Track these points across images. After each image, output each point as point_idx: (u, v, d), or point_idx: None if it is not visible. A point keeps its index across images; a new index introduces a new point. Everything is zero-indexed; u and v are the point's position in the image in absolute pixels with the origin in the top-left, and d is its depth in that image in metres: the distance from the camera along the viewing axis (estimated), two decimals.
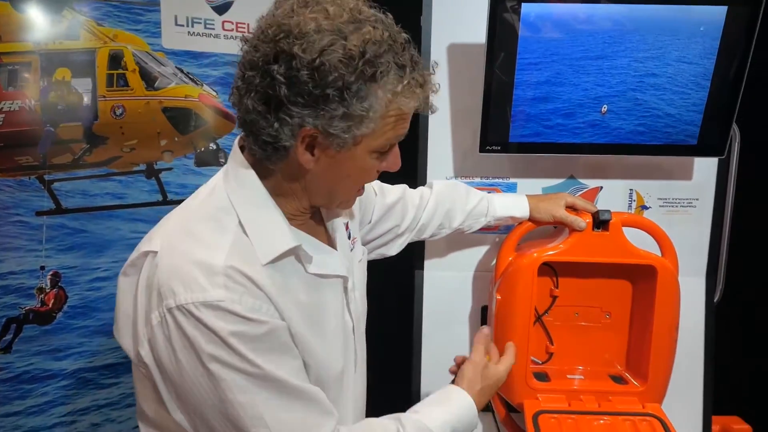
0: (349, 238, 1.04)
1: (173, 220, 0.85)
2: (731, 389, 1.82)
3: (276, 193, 0.85)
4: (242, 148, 0.85)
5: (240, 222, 0.80)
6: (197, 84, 1.60)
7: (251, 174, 0.83)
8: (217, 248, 0.77)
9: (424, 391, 1.51)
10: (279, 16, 0.75)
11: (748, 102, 1.51)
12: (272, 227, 0.82)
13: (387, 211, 1.23)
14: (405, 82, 0.75)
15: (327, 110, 0.74)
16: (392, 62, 0.74)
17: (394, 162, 0.86)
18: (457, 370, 1.09)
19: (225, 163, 0.89)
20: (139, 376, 0.85)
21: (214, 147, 1.64)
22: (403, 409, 1.49)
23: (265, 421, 0.77)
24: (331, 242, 0.98)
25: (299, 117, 0.74)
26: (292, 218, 0.87)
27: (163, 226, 0.85)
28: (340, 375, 0.94)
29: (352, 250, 1.04)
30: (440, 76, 1.41)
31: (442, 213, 1.30)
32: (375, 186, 1.22)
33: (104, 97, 1.50)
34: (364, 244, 1.19)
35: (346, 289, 0.96)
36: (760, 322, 1.96)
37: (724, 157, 1.38)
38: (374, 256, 1.26)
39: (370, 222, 1.21)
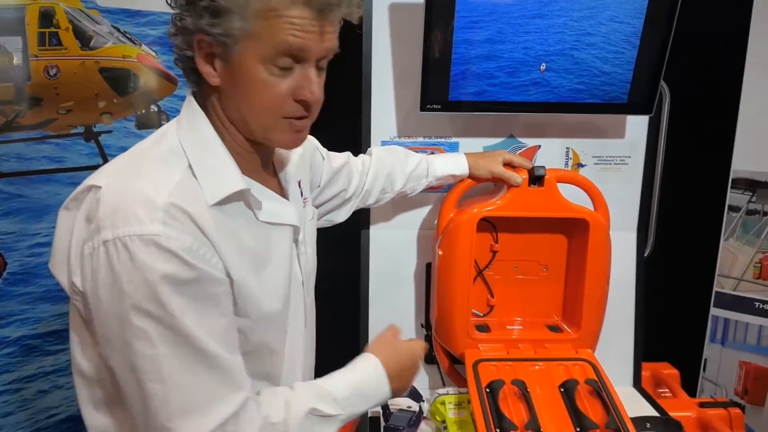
0: (301, 195, 1.07)
1: (122, 159, 0.85)
2: (662, 337, 1.93)
3: (221, 129, 0.86)
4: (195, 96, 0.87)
5: (189, 164, 0.81)
6: (135, 44, 1.56)
7: (203, 119, 0.85)
8: (161, 185, 0.77)
9: None
10: None
11: (681, 62, 1.58)
12: (221, 170, 0.83)
13: (334, 175, 1.26)
14: None
15: (198, 7, 0.76)
16: None
17: (304, 85, 0.81)
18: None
19: None
20: (75, 315, 0.84)
21: (156, 109, 1.61)
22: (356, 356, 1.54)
23: (163, 378, 0.74)
24: (284, 194, 0.99)
25: (186, 22, 0.78)
26: (242, 159, 0.88)
27: (111, 164, 0.86)
28: (284, 325, 0.95)
29: (304, 207, 1.07)
30: (383, 36, 1.42)
31: (383, 177, 1.34)
32: (322, 151, 1.24)
33: (36, 56, 1.44)
34: (315, 207, 1.22)
35: (296, 241, 0.98)
36: (688, 273, 2.08)
37: (652, 114, 1.43)
38: (324, 222, 1.30)
39: (319, 186, 1.24)
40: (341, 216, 1.33)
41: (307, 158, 1.16)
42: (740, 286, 1.95)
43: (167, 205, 0.75)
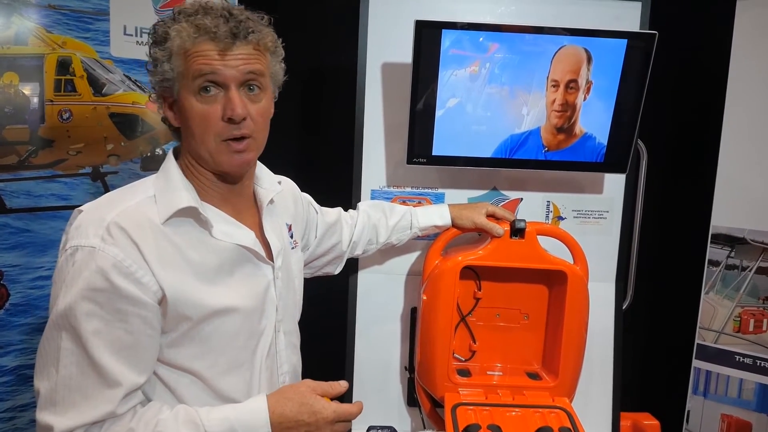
0: (291, 238, 1.19)
1: (111, 192, 1.01)
2: (644, 388, 1.97)
3: (188, 166, 1.00)
4: (176, 156, 1.02)
5: (155, 195, 0.96)
6: (144, 91, 1.66)
7: (172, 161, 1.01)
8: (115, 208, 0.91)
9: (356, 385, 1.60)
10: None
11: (660, 121, 1.67)
12: (175, 194, 0.96)
13: (329, 229, 1.37)
14: (178, 24, 0.93)
15: (149, 66, 0.96)
16: (181, 19, 0.93)
17: (226, 105, 0.93)
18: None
19: None
20: None
21: (160, 152, 1.71)
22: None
23: (58, 366, 0.86)
24: (261, 228, 1.09)
25: (151, 82, 0.97)
26: (207, 191, 1.00)
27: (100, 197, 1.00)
28: (251, 327, 1.04)
29: (293, 248, 1.19)
30: (375, 92, 1.52)
31: (369, 229, 1.44)
32: (315, 206, 1.36)
33: (51, 101, 1.55)
34: (312, 260, 1.37)
35: (274, 269, 1.08)
36: (670, 325, 2.13)
37: (626, 173, 1.51)
38: (320, 273, 1.43)
39: (316, 237, 1.35)
40: (337, 269, 1.46)
41: (304, 210, 1.29)
42: (721, 339, 1.99)
43: (110, 223, 0.89)
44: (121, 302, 0.88)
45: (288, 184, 1.27)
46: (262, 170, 1.15)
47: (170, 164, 1.00)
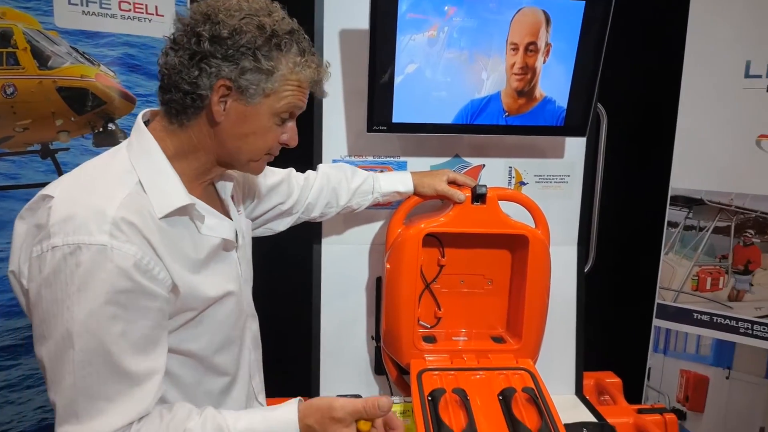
0: (237, 208, 1.16)
1: (75, 173, 0.91)
2: (607, 347, 2.02)
3: (180, 154, 0.94)
4: (146, 123, 0.95)
5: (140, 181, 0.88)
6: (93, 64, 1.60)
7: (153, 143, 0.93)
8: (111, 198, 0.83)
9: (323, 356, 1.60)
10: (207, 1, 0.92)
11: (620, 85, 1.68)
12: (170, 187, 0.91)
13: (270, 191, 1.32)
14: (303, 58, 0.94)
15: (240, 63, 0.89)
16: (294, 41, 0.93)
17: (292, 136, 1.00)
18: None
19: None
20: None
21: (113, 127, 1.65)
22: (307, 377, 1.58)
23: (75, 377, 0.80)
24: (225, 209, 1.08)
25: (217, 68, 0.88)
26: (191, 182, 0.96)
27: (65, 177, 0.91)
28: (238, 309, 1.04)
29: (240, 213, 1.17)
30: (333, 60, 1.48)
31: (328, 191, 1.40)
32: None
33: None
34: (252, 219, 1.30)
35: (236, 248, 1.06)
36: (631, 286, 2.18)
37: (586, 137, 1.52)
38: (264, 231, 1.37)
39: (254, 200, 1.31)
40: (280, 227, 1.40)
41: (242, 175, 1.24)
42: (680, 298, 2.05)
43: (115, 218, 0.81)
44: (144, 299, 0.84)
45: None
46: None
47: (148, 142, 0.92)
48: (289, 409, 0.89)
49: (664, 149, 1.98)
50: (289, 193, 1.34)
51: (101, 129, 1.65)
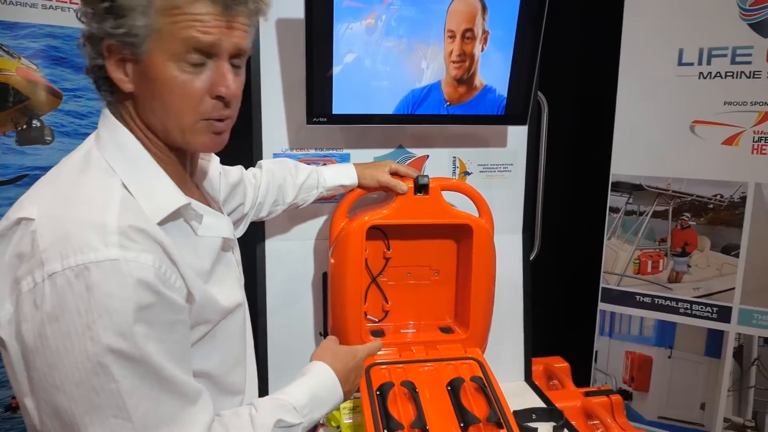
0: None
1: (46, 186, 0.79)
2: (555, 333, 2.06)
3: (145, 146, 0.83)
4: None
5: (123, 183, 0.78)
6: (13, 57, 1.50)
7: (125, 133, 0.82)
8: (106, 207, 0.73)
9: (271, 354, 1.56)
10: None
11: (560, 74, 1.69)
12: (158, 186, 0.81)
13: (232, 190, 1.26)
14: None
15: (100, 10, 0.76)
16: None
17: (217, 81, 0.80)
18: None
19: (52, 141, 0.86)
20: (9, 365, 0.75)
21: (38, 124, 1.55)
22: None
23: (128, 412, 0.69)
24: (209, 205, 0.98)
25: (92, 28, 0.78)
26: (168, 171, 0.85)
27: (34, 193, 0.79)
28: (243, 321, 0.98)
29: None
30: (270, 50, 1.44)
31: (274, 189, 1.36)
32: (219, 167, 1.23)
33: None
34: None
35: (232, 249, 0.99)
36: (577, 271, 2.23)
37: (527, 125, 1.53)
38: None
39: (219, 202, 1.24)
40: (239, 231, 1.34)
41: (215, 175, 1.16)
42: (623, 282, 2.11)
43: (121, 226, 0.71)
44: (171, 313, 0.74)
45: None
46: None
47: (125, 138, 0.81)
48: (321, 368, 1.01)
49: (605, 136, 2.02)
50: (246, 193, 1.28)
51: (25, 126, 1.55)
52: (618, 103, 2.00)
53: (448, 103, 1.45)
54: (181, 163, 0.89)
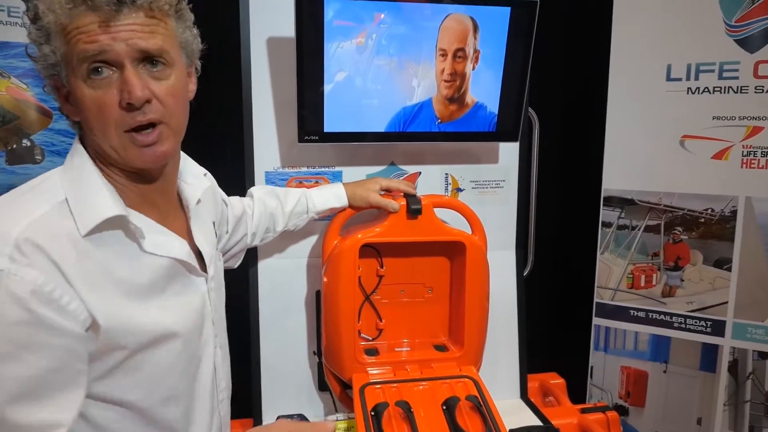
0: (216, 236, 1.09)
1: (5, 195, 0.82)
2: (550, 349, 2.05)
3: (102, 172, 0.85)
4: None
5: (66, 199, 0.79)
6: (3, 76, 1.50)
7: (83, 155, 0.84)
8: (22, 219, 0.75)
9: (264, 374, 1.55)
10: None
11: (551, 90, 1.70)
12: (94, 200, 0.81)
13: (238, 222, 1.29)
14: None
15: (31, 49, 0.80)
16: None
17: (121, 87, 0.79)
18: None
19: (42, 160, 0.88)
20: None
21: (28, 143, 1.55)
22: (248, 397, 1.51)
23: None
24: (188, 232, 0.98)
25: (38, 69, 0.82)
26: (128, 194, 0.86)
27: None
28: (193, 352, 0.93)
29: (217, 248, 1.10)
30: (261, 69, 1.44)
31: (266, 218, 1.37)
32: (224, 197, 1.26)
33: None
34: (222, 254, 1.25)
35: (207, 280, 0.97)
36: (570, 287, 2.23)
37: (518, 141, 1.54)
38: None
39: (228, 232, 1.27)
40: (238, 261, 1.39)
41: (219, 204, 1.18)
42: (617, 296, 2.11)
43: (18, 239, 0.72)
44: (43, 334, 0.72)
45: (210, 179, 1.14)
46: (186, 162, 1.02)
47: (81, 159, 0.83)
48: None
49: (596, 151, 2.03)
50: (247, 224, 1.31)
51: (15, 145, 1.54)
52: (608, 119, 2.01)
53: (439, 120, 1.45)
54: (141, 185, 0.88)
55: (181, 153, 0.99)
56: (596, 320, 2.14)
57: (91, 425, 0.83)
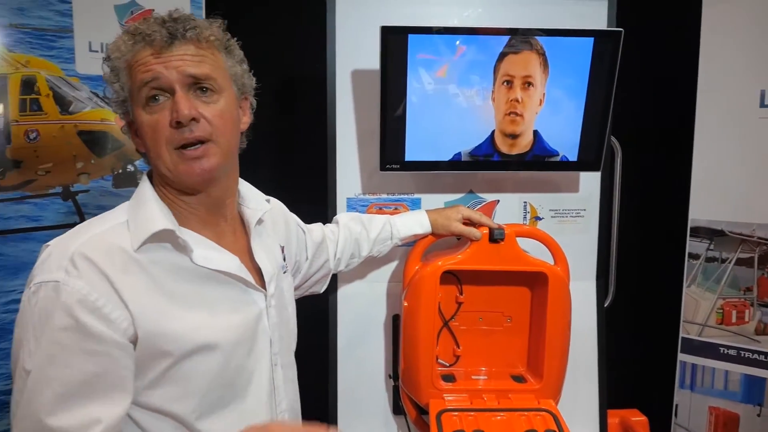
0: (284, 260, 1.14)
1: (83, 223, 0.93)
2: (631, 384, 1.97)
3: (166, 200, 0.94)
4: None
5: (126, 221, 0.89)
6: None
7: (147, 184, 0.94)
8: (81, 237, 0.84)
9: (341, 396, 1.58)
10: None
11: (635, 118, 1.66)
12: (148, 218, 0.89)
13: (318, 248, 1.34)
14: (119, 38, 0.90)
15: (108, 90, 0.93)
16: (125, 32, 0.90)
17: (172, 108, 0.87)
18: None
19: None
20: None
21: (132, 169, 1.68)
22: (324, 417, 1.55)
23: (17, 417, 0.80)
24: (249, 252, 1.03)
25: (113, 107, 0.94)
26: (185, 215, 0.94)
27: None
28: (241, 363, 0.96)
29: (285, 272, 1.13)
30: (346, 100, 1.50)
31: (351, 244, 1.42)
32: (302, 226, 1.32)
33: (17, 121, 1.52)
34: (304, 281, 1.33)
35: (266, 297, 1.01)
36: (654, 320, 2.13)
37: (600, 171, 1.51)
38: (308, 294, 1.40)
39: (307, 259, 1.32)
40: (324, 286, 1.43)
41: (293, 233, 1.25)
42: (705, 332, 2.00)
43: (74, 254, 0.81)
44: (87, 341, 0.80)
45: (277, 204, 1.22)
46: (248, 190, 1.09)
47: (144, 187, 0.94)
48: None
49: (682, 180, 1.96)
50: (329, 250, 1.37)
51: (120, 171, 1.68)
52: (695, 146, 1.94)
53: (516, 149, 1.45)
54: (196, 204, 0.95)
55: (243, 182, 1.08)
56: (682, 356, 2.03)
57: None
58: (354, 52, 1.49)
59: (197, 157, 0.89)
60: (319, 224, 1.42)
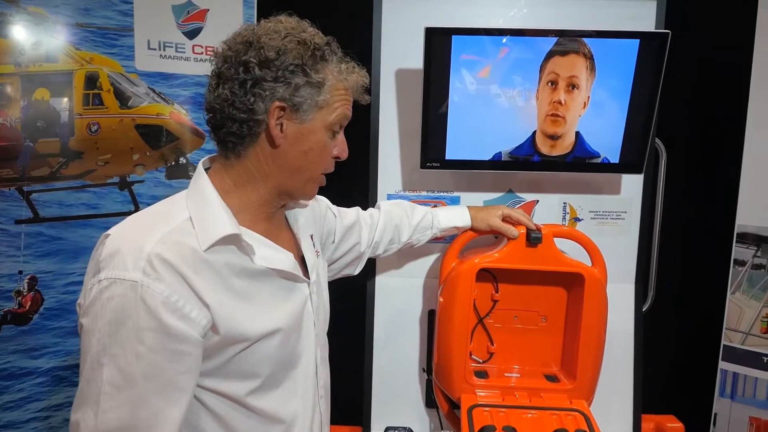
0: (314, 247, 1.18)
1: (137, 214, 0.96)
2: (669, 390, 1.94)
3: (239, 187, 0.97)
4: (207, 170, 0.99)
5: (190, 218, 0.91)
6: (168, 103, 1.72)
7: (207, 182, 0.96)
8: (152, 235, 0.86)
9: (375, 387, 1.63)
10: (242, 30, 0.95)
11: (682, 119, 1.64)
12: (214, 219, 0.92)
13: (347, 231, 1.37)
14: (344, 65, 0.97)
15: (292, 81, 0.91)
16: (332, 51, 0.96)
17: (342, 148, 1.02)
18: None
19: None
20: None
21: (184, 161, 1.76)
22: (359, 407, 1.59)
23: (98, 406, 0.81)
24: (298, 247, 1.10)
25: (270, 90, 0.91)
26: (254, 214, 0.99)
27: (129, 217, 0.96)
28: (293, 346, 1.03)
29: (317, 258, 1.17)
30: (389, 99, 1.54)
31: (391, 229, 1.44)
32: (333, 210, 1.36)
33: (80, 115, 1.62)
34: (332, 263, 1.36)
35: (309, 284, 1.07)
36: (695, 326, 2.09)
37: (642, 174, 1.50)
38: (341, 275, 1.42)
39: (334, 242, 1.35)
40: (357, 269, 1.45)
41: (320, 217, 1.29)
42: (748, 340, 1.95)
43: (150, 254, 0.83)
44: (171, 341, 0.84)
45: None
46: None
47: (203, 182, 0.95)
48: None
49: (730, 184, 1.91)
50: (361, 233, 1.39)
51: (173, 163, 1.76)
52: (745, 150, 1.89)
53: (557, 150, 1.46)
54: (265, 209, 1.01)
55: None
56: (723, 364, 1.99)
57: (210, 414, 0.95)
58: (398, 52, 1.52)
59: (323, 183, 1.04)
60: (356, 209, 1.43)
